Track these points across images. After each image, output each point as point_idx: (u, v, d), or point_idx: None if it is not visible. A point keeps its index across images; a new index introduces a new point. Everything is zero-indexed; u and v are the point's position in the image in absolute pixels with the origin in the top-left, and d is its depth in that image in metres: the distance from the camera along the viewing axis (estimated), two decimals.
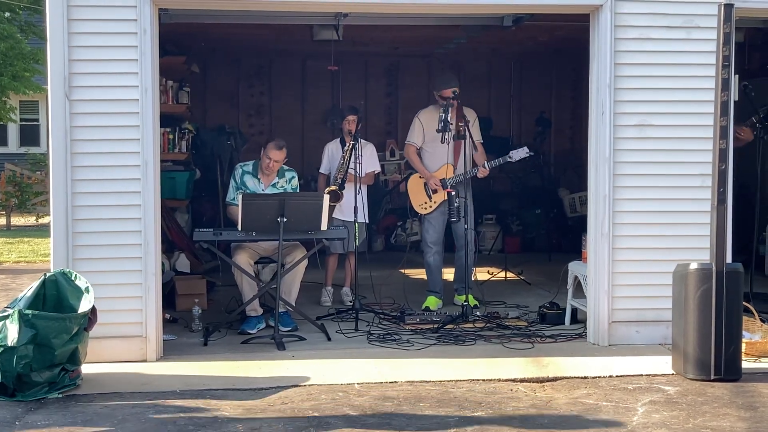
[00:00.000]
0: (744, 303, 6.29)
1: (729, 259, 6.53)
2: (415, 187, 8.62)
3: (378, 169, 9.15)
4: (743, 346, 6.28)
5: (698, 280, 6.05)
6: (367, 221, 8.82)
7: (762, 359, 6.58)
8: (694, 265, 6.10)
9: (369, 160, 8.68)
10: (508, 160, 8.46)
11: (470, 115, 8.40)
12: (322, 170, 8.97)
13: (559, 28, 9.75)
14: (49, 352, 5.67)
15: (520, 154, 8.43)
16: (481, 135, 8.69)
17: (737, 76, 7.08)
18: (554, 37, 10.84)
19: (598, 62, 6.98)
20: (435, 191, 8.43)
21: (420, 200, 8.58)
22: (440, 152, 8.34)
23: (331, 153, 8.88)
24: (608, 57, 6.92)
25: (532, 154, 8.67)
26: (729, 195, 6.50)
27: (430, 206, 8.51)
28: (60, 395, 5.70)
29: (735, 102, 6.86)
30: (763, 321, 6.94)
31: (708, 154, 6.41)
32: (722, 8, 6.05)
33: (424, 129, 8.51)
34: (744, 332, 6.39)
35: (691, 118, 7.01)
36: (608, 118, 6.94)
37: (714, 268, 6.03)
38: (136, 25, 6.49)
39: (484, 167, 8.35)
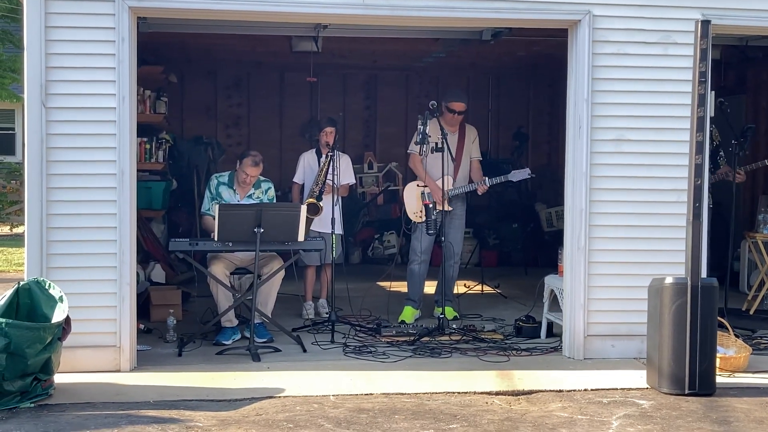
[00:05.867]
0: (719, 318, 6.32)
1: (704, 274, 6.58)
2: (412, 195, 8.57)
3: (353, 181, 9.13)
4: (717, 361, 6.30)
5: (673, 294, 6.07)
6: (341, 233, 8.80)
7: (736, 374, 6.61)
8: (669, 280, 6.13)
9: (345, 172, 8.66)
10: (510, 179, 8.47)
11: (471, 132, 8.48)
12: (296, 180, 8.93)
13: (537, 43, 9.81)
14: (21, 361, 5.61)
15: (522, 174, 8.45)
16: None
17: (713, 92, 7.15)
18: (532, 52, 10.90)
19: (576, 77, 7.02)
20: (436, 201, 8.37)
21: (415, 208, 8.53)
22: (440, 164, 8.28)
23: (307, 163, 8.85)
24: (586, 72, 6.96)
25: (533, 176, 8.70)
26: (704, 210, 6.54)
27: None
28: (32, 405, 5.64)
29: (711, 118, 6.92)
30: (737, 336, 6.97)
31: (684, 170, 6.44)
32: (699, 25, 6.09)
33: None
34: (718, 347, 6.41)
35: (667, 134, 7.06)
36: (585, 133, 6.98)
37: (689, 283, 6.06)
38: (114, 33, 6.46)
39: (485, 184, 8.35)
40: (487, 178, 8.39)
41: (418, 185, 8.52)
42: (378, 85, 13.74)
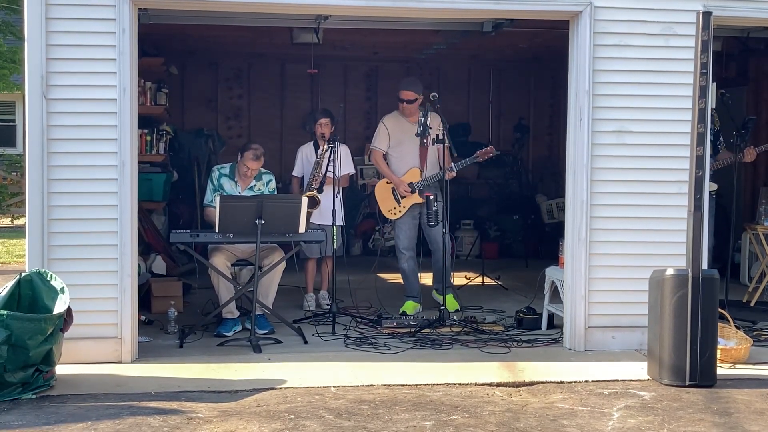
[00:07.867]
0: (719, 310, 6.32)
1: (705, 265, 6.57)
2: (382, 193, 8.58)
3: (353, 171, 9.12)
4: (718, 352, 6.30)
5: (674, 286, 6.07)
6: (343, 224, 8.81)
7: (737, 366, 6.62)
8: (670, 271, 6.13)
9: (345, 162, 8.64)
10: (475, 161, 8.46)
11: (434, 119, 8.39)
12: (294, 173, 8.92)
13: (538, 35, 9.79)
14: (23, 352, 5.61)
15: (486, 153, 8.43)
16: (454, 140, 8.64)
17: (715, 83, 7.14)
18: (533, 44, 10.89)
19: (577, 68, 7.01)
20: (404, 196, 8.40)
21: (389, 206, 8.54)
22: (407, 156, 8.32)
23: (305, 156, 8.83)
24: (587, 63, 6.95)
25: (499, 152, 8.65)
26: (705, 202, 6.53)
27: (399, 211, 8.48)
28: (34, 396, 5.64)
29: (713, 110, 6.91)
30: (738, 328, 6.97)
31: (685, 161, 6.44)
32: (700, 16, 6.08)
33: (390, 134, 8.49)
34: (719, 339, 6.41)
35: (668, 125, 7.05)
36: (586, 125, 6.97)
37: (690, 275, 6.06)
38: (115, 25, 6.45)
39: (452, 170, 8.30)
40: (453, 164, 8.31)
41: (387, 182, 8.53)
42: (379, 76, 13.72)
